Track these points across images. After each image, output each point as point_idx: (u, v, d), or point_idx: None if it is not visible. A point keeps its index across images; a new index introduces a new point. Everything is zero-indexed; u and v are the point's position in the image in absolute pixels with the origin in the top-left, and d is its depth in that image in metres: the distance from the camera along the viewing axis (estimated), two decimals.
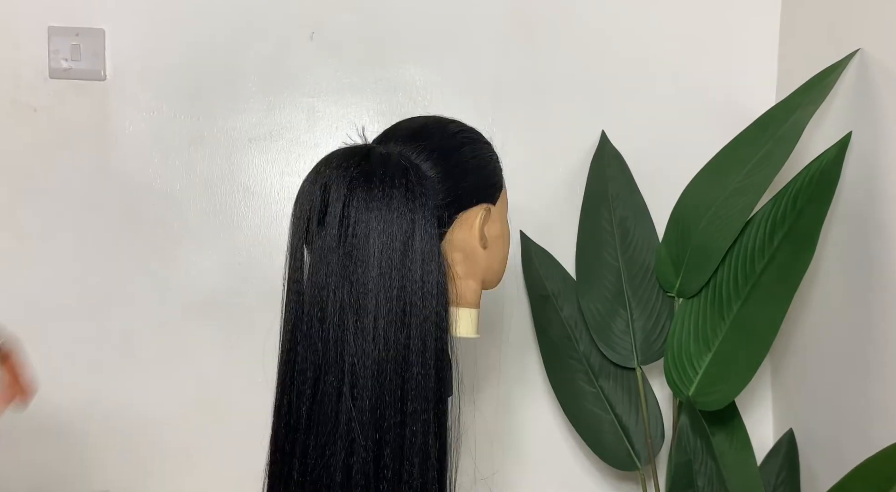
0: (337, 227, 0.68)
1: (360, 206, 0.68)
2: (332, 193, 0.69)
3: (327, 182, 0.69)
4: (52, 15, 1.19)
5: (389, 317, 0.68)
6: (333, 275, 0.69)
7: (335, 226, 0.68)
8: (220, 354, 1.25)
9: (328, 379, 0.69)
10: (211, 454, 1.26)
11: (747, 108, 1.28)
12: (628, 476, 1.30)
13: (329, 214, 0.69)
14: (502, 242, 0.82)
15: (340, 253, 0.68)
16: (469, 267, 0.79)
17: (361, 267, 0.68)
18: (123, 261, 1.23)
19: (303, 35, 1.25)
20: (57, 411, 1.21)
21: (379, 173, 0.69)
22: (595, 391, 1.22)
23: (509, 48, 1.28)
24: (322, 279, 0.69)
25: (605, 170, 1.26)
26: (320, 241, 0.69)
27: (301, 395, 0.70)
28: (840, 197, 1.10)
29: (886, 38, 1.03)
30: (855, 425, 1.08)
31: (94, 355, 1.22)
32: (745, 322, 1.08)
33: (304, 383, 0.70)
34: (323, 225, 0.69)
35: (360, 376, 0.68)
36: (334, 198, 0.68)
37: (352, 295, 0.68)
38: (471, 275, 0.79)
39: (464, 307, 0.79)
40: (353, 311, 0.68)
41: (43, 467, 1.22)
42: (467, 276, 0.79)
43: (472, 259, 0.78)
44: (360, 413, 0.68)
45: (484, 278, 0.81)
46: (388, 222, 0.68)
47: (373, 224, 0.68)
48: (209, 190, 1.24)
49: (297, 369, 0.71)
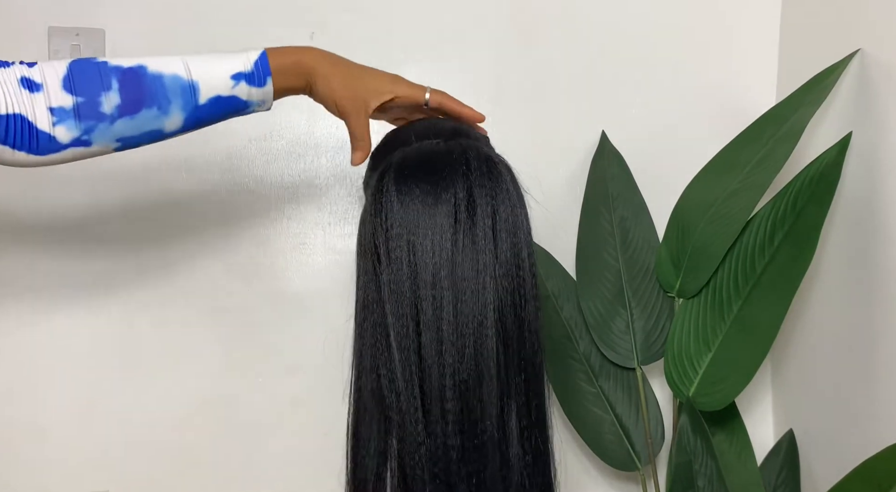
0: (489, 222, 0.72)
1: (503, 200, 0.73)
2: (476, 191, 0.71)
3: (469, 184, 0.71)
4: (52, 15, 1.19)
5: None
6: (488, 271, 0.71)
7: (486, 222, 0.72)
8: (219, 354, 1.25)
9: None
10: (211, 454, 1.26)
11: (747, 108, 1.27)
12: (628, 476, 1.30)
13: (478, 214, 0.71)
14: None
15: (491, 247, 0.72)
16: None
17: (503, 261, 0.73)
18: (123, 261, 1.23)
19: (303, 35, 1.25)
20: (57, 411, 1.21)
21: (499, 168, 0.74)
22: (595, 391, 1.22)
23: (509, 48, 1.28)
24: (475, 275, 0.71)
25: (605, 170, 1.26)
26: (468, 238, 0.71)
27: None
28: (840, 197, 1.10)
29: (886, 38, 1.03)
30: (855, 425, 1.08)
31: (93, 355, 1.22)
32: (746, 322, 1.08)
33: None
34: (473, 222, 0.71)
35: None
36: (479, 194, 0.71)
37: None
38: None
39: None
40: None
41: (43, 467, 1.22)
42: None
43: None
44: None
45: None
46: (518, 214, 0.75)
47: (508, 216, 0.74)
48: (209, 190, 1.24)
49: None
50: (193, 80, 0.75)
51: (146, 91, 0.73)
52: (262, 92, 0.78)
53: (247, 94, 0.77)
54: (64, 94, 0.71)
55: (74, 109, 0.71)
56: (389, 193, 0.72)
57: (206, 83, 0.75)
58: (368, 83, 0.81)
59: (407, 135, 0.79)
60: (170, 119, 0.75)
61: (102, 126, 0.72)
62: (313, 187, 1.26)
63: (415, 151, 0.75)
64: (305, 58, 0.79)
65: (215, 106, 0.76)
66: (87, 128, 0.72)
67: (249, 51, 0.77)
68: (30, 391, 1.21)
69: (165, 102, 0.74)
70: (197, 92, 0.75)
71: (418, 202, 0.71)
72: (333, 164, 1.27)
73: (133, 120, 0.73)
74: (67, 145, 0.72)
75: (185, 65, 0.75)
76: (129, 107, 0.73)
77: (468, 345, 0.70)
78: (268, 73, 0.77)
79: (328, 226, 1.27)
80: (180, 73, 0.74)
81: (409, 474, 0.70)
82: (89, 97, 0.71)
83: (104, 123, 0.72)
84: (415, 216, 0.71)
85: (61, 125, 0.71)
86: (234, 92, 0.76)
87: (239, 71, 0.76)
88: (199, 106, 0.75)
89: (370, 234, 0.74)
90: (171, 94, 0.74)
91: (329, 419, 1.28)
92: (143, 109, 0.73)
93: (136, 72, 0.73)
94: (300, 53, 0.79)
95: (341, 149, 1.26)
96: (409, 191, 0.72)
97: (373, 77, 0.82)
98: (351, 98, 0.79)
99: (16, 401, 1.20)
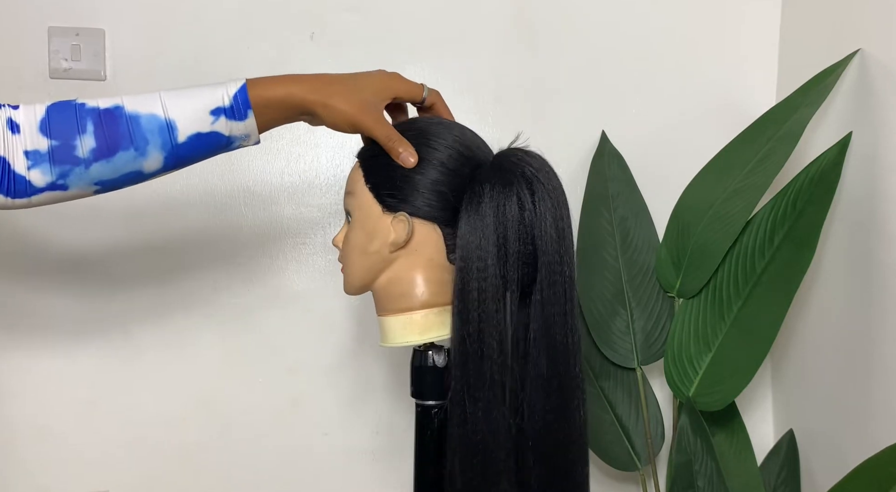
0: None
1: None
2: (549, 202, 0.73)
3: (556, 200, 0.73)
4: (52, 15, 1.19)
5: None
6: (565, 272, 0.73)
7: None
8: (220, 355, 1.25)
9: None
10: (211, 454, 1.26)
11: (747, 108, 1.28)
12: (628, 476, 1.30)
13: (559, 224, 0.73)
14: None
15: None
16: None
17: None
18: (123, 261, 1.23)
19: (303, 35, 1.25)
20: (57, 410, 1.21)
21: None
22: (595, 392, 1.22)
23: (509, 48, 1.28)
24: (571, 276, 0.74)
25: (605, 170, 1.26)
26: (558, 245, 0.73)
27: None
28: (840, 197, 1.10)
29: (886, 38, 1.03)
30: (855, 425, 1.08)
31: (94, 355, 1.22)
32: (746, 322, 1.08)
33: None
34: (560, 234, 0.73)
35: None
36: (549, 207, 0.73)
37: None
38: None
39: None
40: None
41: (43, 467, 1.22)
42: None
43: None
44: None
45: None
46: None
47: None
48: (209, 190, 1.24)
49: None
50: (171, 118, 0.72)
51: (122, 133, 0.71)
52: (244, 126, 0.75)
53: (228, 130, 0.74)
54: (40, 138, 0.70)
55: (49, 153, 0.70)
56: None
57: (184, 121, 0.73)
58: (369, 87, 0.78)
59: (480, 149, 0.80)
60: (148, 160, 0.73)
61: (78, 170, 0.71)
62: (313, 187, 1.26)
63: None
64: (294, 91, 0.75)
65: (196, 143, 0.74)
66: (62, 172, 0.70)
67: (229, 83, 0.74)
68: (30, 391, 1.21)
69: (143, 143, 0.72)
70: (175, 131, 0.72)
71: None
72: (333, 164, 1.27)
73: (110, 163, 0.71)
74: (43, 189, 0.70)
75: (163, 103, 0.73)
76: (105, 150, 0.71)
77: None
78: (248, 107, 0.74)
79: (328, 226, 1.27)
80: (157, 113, 0.72)
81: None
82: (64, 141, 0.70)
83: (80, 167, 0.70)
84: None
85: (36, 169, 0.69)
86: (215, 128, 0.74)
87: (218, 105, 0.73)
88: (178, 145, 0.73)
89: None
90: (148, 134, 0.72)
91: (329, 419, 1.29)
92: (119, 152, 0.71)
93: (113, 113, 0.71)
94: (287, 86, 0.75)
95: (341, 149, 1.26)
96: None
97: (370, 80, 0.79)
98: (361, 110, 0.75)
99: (16, 401, 1.20)
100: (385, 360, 1.28)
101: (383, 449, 1.30)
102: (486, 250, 0.71)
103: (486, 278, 0.71)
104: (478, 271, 0.71)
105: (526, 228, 0.72)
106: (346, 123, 0.76)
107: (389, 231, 0.75)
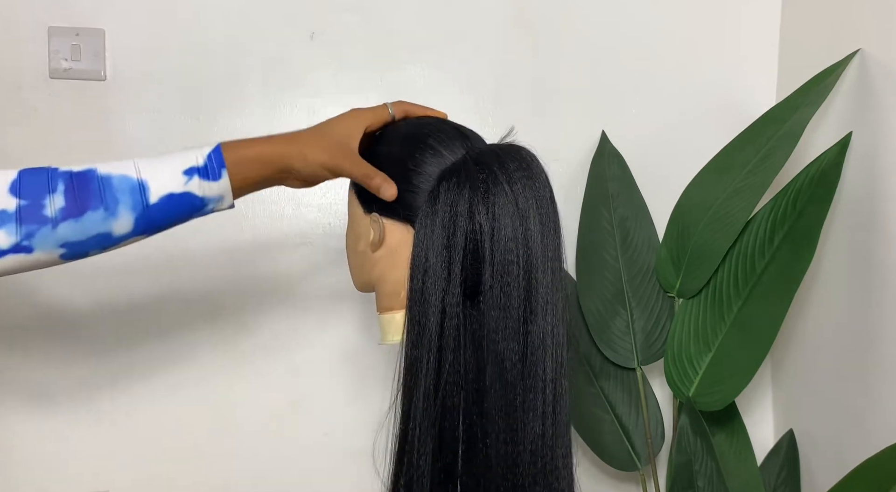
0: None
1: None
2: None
3: (528, 198, 0.75)
4: (52, 15, 1.19)
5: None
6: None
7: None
8: (220, 355, 1.25)
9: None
10: (211, 455, 1.26)
11: (747, 108, 1.28)
12: (628, 476, 1.30)
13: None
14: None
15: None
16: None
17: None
18: (122, 261, 1.23)
19: (303, 35, 1.25)
20: (57, 410, 1.21)
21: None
22: (595, 392, 1.22)
23: (510, 48, 1.28)
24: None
25: (605, 170, 1.26)
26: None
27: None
28: (840, 197, 1.10)
29: (886, 38, 1.03)
30: (855, 425, 1.08)
31: (93, 355, 1.22)
32: (746, 322, 1.08)
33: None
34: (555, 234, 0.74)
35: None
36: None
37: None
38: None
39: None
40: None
41: (43, 467, 1.22)
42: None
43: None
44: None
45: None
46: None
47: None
48: None
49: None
50: (143, 178, 0.72)
51: (93, 192, 0.70)
52: (217, 186, 0.74)
53: (202, 191, 0.74)
54: (9, 198, 0.68)
55: (17, 213, 0.68)
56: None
57: (156, 182, 0.72)
58: (338, 130, 0.78)
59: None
60: (118, 221, 0.71)
61: (45, 230, 0.69)
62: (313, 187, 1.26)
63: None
64: (267, 148, 0.75)
65: (168, 205, 0.73)
66: (28, 232, 0.69)
67: (204, 146, 0.74)
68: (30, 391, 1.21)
69: (113, 203, 0.71)
70: (147, 191, 0.72)
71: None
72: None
73: (78, 222, 0.70)
74: (6, 251, 0.68)
75: (136, 166, 0.72)
76: (74, 209, 0.69)
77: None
78: (222, 166, 0.73)
79: (328, 226, 1.27)
80: (129, 174, 0.72)
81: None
82: (33, 200, 0.69)
83: (46, 227, 0.69)
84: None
85: (2, 229, 0.68)
86: (188, 188, 0.73)
87: (191, 165, 0.73)
88: (149, 206, 0.72)
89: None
90: (119, 194, 0.71)
91: (329, 420, 1.29)
92: (88, 211, 0.70)
93: (85, 175, 0.71)
94: (261, 144, 0.75)
95: None
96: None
97: (337, 123, 0.79)
98: (336, 154, 0.76)
99: (16, 401, 1.20)
100: (385, 359, 1.28)
101: (383, 449, 1.29)
102: (432, 249, 0.70)
103: (429, 278, 0.70)
104: (423, 271, 0.70)
105: (476, 227, 0.70)
106: (324, 168, 0.77)
107: (370, 231, 0.78)
